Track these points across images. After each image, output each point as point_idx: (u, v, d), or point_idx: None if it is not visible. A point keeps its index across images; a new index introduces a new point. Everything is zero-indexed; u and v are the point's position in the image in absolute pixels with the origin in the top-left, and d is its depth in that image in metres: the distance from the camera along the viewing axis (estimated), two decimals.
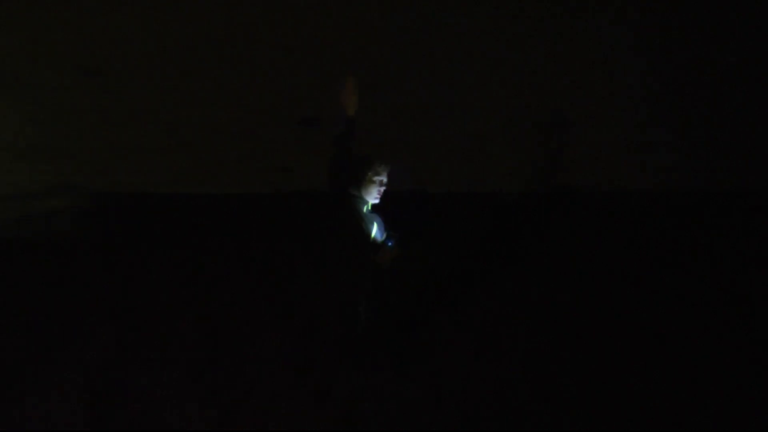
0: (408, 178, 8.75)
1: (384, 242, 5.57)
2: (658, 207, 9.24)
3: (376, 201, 5.76)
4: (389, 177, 5.80)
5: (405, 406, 5.57)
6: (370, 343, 5.98)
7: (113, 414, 5.38)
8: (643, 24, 9.06)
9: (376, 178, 5.73)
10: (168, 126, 8.77)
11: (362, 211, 5.69)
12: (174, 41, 8.75)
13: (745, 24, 9.23)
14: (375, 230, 5.70)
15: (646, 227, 8.97)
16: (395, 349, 6.34)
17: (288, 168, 8.79)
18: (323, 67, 8.68)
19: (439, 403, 5.64)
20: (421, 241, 8.14)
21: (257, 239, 8.26)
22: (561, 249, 8.39)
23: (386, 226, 5.75)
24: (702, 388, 6.03)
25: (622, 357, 6.49)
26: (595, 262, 8.24)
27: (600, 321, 7.05)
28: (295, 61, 8.82)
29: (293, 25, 8.86)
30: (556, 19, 8.98)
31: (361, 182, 5.72)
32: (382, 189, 5.76)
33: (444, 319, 7.03)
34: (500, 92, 8.97)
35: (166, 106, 8.76)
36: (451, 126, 8.97)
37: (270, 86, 8.81)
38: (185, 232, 8.38)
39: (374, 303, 5.81)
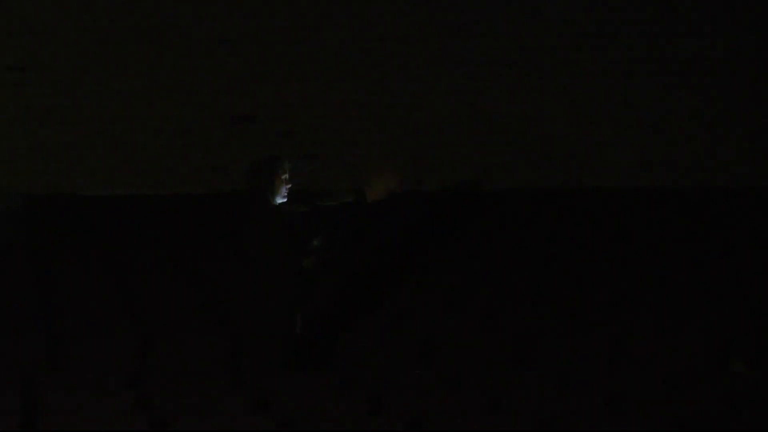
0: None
1: (311, 246, 5.60)
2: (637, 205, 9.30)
3: (284, 200, 5.80)
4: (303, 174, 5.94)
5: (344, 411, 5.55)
6: (307, 348, 5.93)
7: (40, 421, 5.27)
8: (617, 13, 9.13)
9: (284, 177, 5.78)
10: (97, 124, 8.66)
11: (279, 213, 5.74)
12: (102, 35, 8.63)
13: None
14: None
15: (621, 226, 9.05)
16: (332, 353, 6.31)
17: (221, 167, 8.73)
18: (258, 62, 8.60)
19: (379, 408, 5.64)
20: (355, 244, 8.15)
21: (191, 241, 8.22)
22: (506, 248, 8.46)
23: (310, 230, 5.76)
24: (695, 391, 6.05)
25: (562, 355, 6.52)
26: (540, 261, 8.31)
27: (546, 324, 7.12)
28: (228, 56, 8.74)
29: (226, 17, 8.77)
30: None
31: (272, 183, 5.74)
32: (288, 187, 5.80)
33: (382, 322, 7.00)
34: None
35: (94, 103, 8.63)
36: (397, 121, 8.98)
37: (203, 82, 8.72)
38: (116, 235, 8.31)
39: (309, 308, 5.81)
